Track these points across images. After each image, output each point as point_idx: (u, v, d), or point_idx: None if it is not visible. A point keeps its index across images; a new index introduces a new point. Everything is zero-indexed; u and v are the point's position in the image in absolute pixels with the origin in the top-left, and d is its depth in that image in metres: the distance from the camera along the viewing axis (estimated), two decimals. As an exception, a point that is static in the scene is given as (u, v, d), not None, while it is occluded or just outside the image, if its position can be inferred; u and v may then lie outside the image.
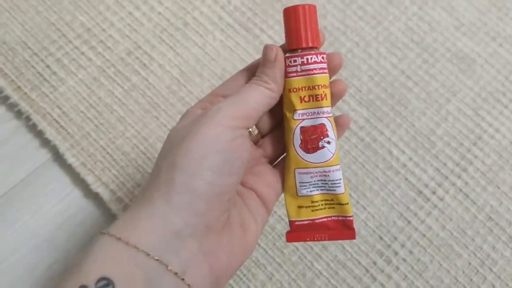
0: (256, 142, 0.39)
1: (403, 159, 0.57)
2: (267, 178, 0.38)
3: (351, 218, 0.37)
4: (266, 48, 0.35)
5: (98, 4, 0.61)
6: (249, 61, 0.60)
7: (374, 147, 0.57)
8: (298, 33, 0.35)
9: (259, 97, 0.34)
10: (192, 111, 0.35)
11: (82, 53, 0.59)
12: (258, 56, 0.60)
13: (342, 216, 0.37)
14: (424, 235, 0.53)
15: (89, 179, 0.53)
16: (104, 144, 0.54)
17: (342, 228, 0.37)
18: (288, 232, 0.37)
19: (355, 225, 0.53)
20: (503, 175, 0.57)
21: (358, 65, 0.61)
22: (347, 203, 0.36)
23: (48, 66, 0.57)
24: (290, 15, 0.35)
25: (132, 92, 0.57)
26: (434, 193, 0.55)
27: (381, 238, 0.53)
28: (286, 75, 0.35)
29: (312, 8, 0.35)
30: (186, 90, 0.58)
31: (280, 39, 0.62)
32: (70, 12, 0.60)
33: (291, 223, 0.37)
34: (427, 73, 0.62)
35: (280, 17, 0.63)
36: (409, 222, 0.54)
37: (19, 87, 0.56)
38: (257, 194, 0.37)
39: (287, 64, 0.35)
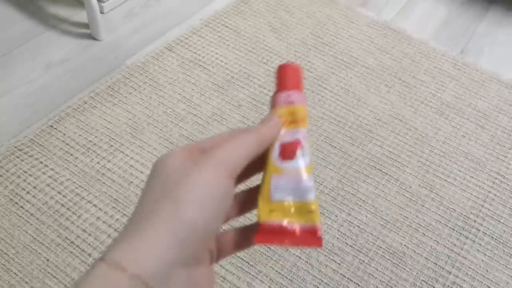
0: None
1: None
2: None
3: (318, 226, 0.38)
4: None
5: (65, 267, 0.69)
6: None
7: None
8: (286, 78, 0.42)
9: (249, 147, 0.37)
10: (177, 155, 0.36)
11: (52, 317, 0.64)
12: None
13: (311, 224, 0.39)
14: None
15: None
16: None
17: (309, 236, 0.39)
18: (256, 234, 0.39)
19: None
20: None
21: (303, 277, 0.68)
22: (316, 211, 0.39)
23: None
24: (285, 69, 0.43)
25: None
26: None
27: None
28: (275, 105, 0.42)
29: (297, 67, 0.44)
30: None
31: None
32: (40, 280, 0.68)
33: (260, 225, 0.39)
34: (365, 272, 0.69)
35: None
36: None
37: None
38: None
39: (276, 97, 0.42)
